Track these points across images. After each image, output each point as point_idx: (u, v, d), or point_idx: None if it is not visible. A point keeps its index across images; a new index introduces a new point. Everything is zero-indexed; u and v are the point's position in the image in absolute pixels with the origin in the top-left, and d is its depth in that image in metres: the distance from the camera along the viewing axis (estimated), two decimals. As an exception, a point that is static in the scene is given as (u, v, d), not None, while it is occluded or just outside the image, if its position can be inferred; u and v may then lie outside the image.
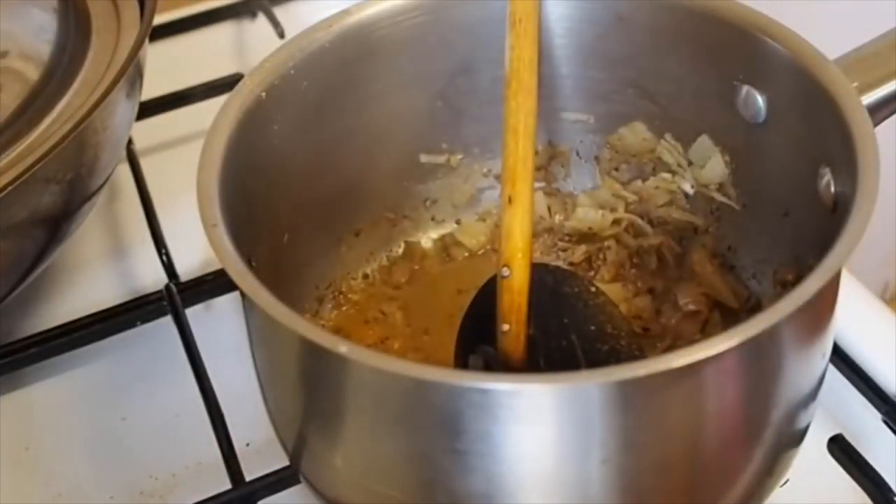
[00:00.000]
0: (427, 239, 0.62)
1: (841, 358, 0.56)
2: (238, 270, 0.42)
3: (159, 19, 0.75)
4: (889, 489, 0.50)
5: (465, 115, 0.59)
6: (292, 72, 0.52)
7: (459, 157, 0.60)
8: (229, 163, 0.47)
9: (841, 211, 0.46)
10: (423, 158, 0.60)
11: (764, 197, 0.55)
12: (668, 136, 0.57)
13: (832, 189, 0.47)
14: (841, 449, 0.53)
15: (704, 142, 0.56)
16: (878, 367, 0.56)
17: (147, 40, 0.59)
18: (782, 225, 0.53)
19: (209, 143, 0.47)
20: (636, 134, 0.58)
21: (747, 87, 0.52)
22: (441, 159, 0.60)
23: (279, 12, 0.82)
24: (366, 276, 0.60)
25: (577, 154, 0.61)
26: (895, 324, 0.59)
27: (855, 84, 0.48)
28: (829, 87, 0.47)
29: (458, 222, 0.62)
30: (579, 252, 0.60)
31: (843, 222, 0.42)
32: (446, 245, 0.62)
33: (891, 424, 0.54)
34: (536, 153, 0.56)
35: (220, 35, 0.85)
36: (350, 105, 0.55)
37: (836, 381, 0.56)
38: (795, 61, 0.49)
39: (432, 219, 0.62)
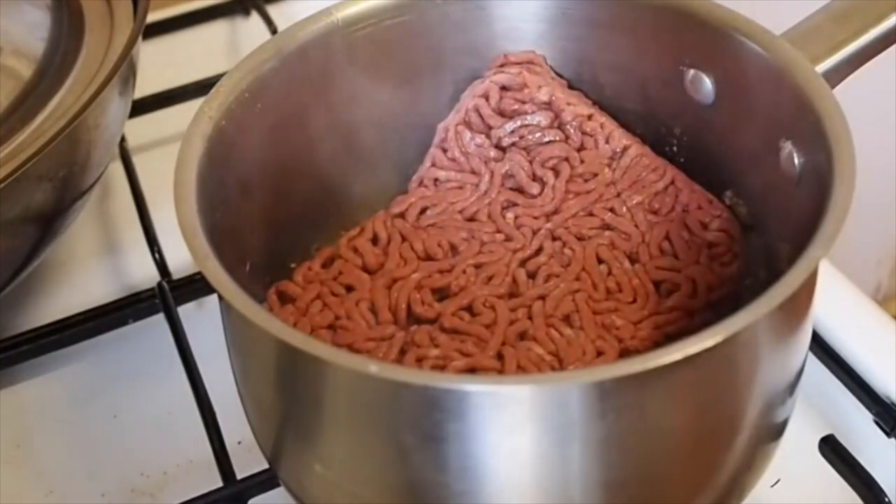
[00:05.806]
0: None
1: (832, 359, 0.57)
2: (211, 268, 0.42)
3: (152, 17, 0.75)
4: (880, 489, 0.50)
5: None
6: (246, 95, 0.50)
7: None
8: (203, 187, 0.46)
9: (808, 182, 0.46)
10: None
11: (721, 178, 0.54)
12: None
13: (795, 161, 0.48)
14: (832, 449, 0.53)
15: None
16: (869, 368, 0.56)
17: (140, 38, 0.59)
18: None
19: (179, 175, 0.45)
20: None
21: (694, 71, 0.53)
22: None
23: (272, 10, 0.82)
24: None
25: None
26: (887, 324, 0.59)
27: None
28: (781, 62, 0.48)
29: None
30: None
31: (826, 195, 0.42)
32: None
33: (882, 425, 0.54)
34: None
35: (213, 33, 0.85)
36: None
37: (828, 381, 0.56)
38: (742, 40, 0.49)
39: None
